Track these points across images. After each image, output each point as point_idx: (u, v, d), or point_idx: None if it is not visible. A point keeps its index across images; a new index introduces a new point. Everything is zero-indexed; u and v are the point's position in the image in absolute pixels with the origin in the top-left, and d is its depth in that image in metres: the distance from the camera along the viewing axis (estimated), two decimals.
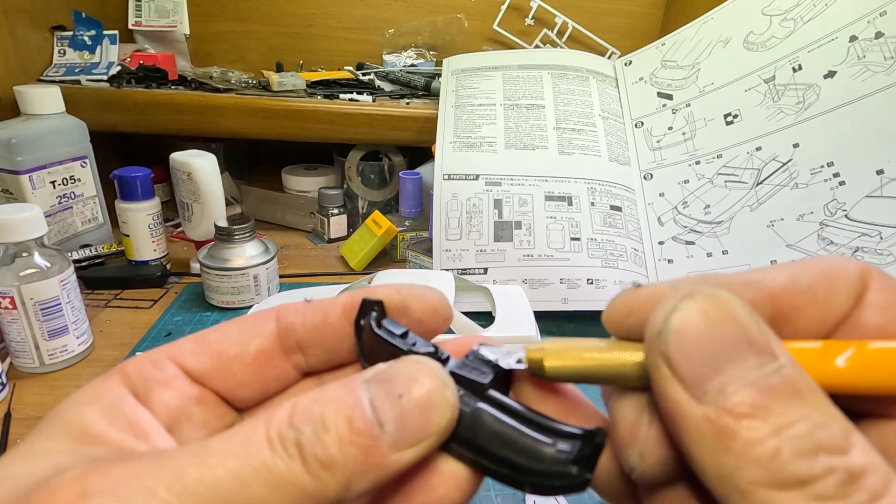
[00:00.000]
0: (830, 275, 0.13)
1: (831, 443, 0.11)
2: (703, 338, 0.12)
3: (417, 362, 0.13)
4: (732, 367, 0.11)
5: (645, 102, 0.72)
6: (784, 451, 0.10)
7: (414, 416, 0.12)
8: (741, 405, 0.11)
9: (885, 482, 0.10)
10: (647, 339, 0.12)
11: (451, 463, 0.13)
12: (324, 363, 0.16)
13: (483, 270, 0.60)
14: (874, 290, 0.13)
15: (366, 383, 0.12)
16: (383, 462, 0.11)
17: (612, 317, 0.15)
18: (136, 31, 0.88)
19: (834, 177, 0.53)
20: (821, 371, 0.12)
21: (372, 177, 0.82)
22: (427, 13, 0.97)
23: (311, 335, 0.15)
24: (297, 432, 0.11)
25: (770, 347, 0.12)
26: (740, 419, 0.11)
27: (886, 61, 0.53)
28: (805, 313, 0.13)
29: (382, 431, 0.11)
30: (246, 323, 0.16)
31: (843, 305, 0.13)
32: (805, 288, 0.13)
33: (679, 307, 0.12)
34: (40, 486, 0.11)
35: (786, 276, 0.13)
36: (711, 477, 0.11)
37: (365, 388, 0.12)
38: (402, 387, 0.12)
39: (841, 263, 0.13)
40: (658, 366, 0.12)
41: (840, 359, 0.12)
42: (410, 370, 0.12)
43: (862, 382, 0.12)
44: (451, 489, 0.13)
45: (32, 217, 0.44)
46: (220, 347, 0.15)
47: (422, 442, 0.12)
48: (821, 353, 0.13)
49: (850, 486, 0.10)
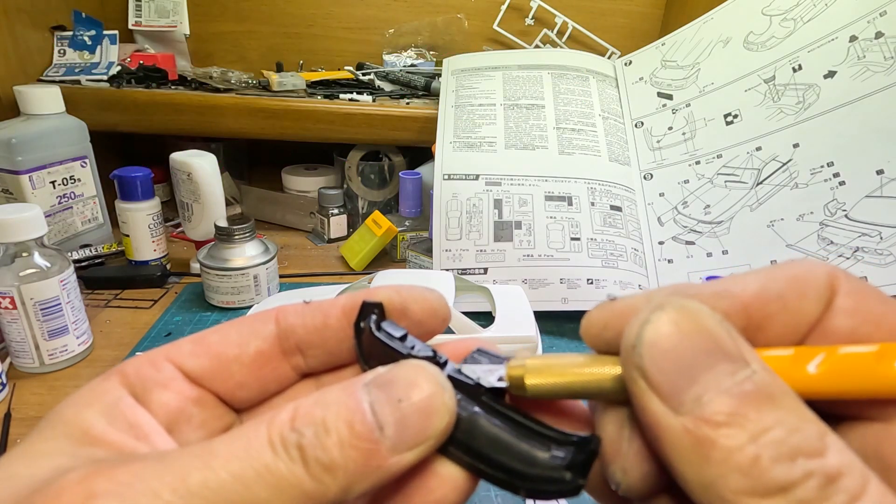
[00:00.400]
0: (799, 280, 0.13)
1: (807, 446, 0.11)
2: (675, 349, 0.12)
3: (417, 367, 0.13)
4: (706, 376, 0.11)
5: (645, 102, 0.72)
6: (763, 457, 0.10)
7: (413, 420, 0.12)
8: (717, 414, 0.11)
9: (862, 483, 0.10)
10: (623, 353, 0.13)
11: (449, 466, 0.13)
12: (323, 364, 0.16)
13: (483, 270, 0.60)
14: (843, 293, 0.13)
15: (366, 387, 0.12)
16: (383, 465, 0.11)
17: (589, 331, 0.15)
18: (136, 31, 0.88)
19: (834, 177, 0.53)
20: (793, 378, 0.12)
21: (372, 177, 0.82)
22: (427, 13, 0.97)
23: (311, 337, 0.15)
24: (298, 435, 0.11)
25: (741, 354, 0.12)
26: (717, 428, 0.11)
27: (886, 61, 0.53)
28: (777, 320, 0.13)
29: (382, 435, 0.12)
30: (245, 324, 0.16)
31: (813, 311, 0.13)
32: (775, 295, 0.13)
33: (650, 319, 0.12)
34: (44, 488, 0.11)
35: (756, 283, 0.13)
36: (694, 487, 0.11)
37: (365, 392, 0.12)
38: (401, 391, 0.12)
39: (810, 269, 0.13)
40: (634, 379, 0.12)
41: (811, 365, 0.12)
42: (410, 374, 0.13)
43: (834, 388, 0.12)
44: (449, 491, 0.13)
45: (32, 217, 0.44)
46: (219, 349, 0.15)
47: (421, 445, 0.12)
48: (792, 359, 0.13)
49: (829, 489, 0.10)
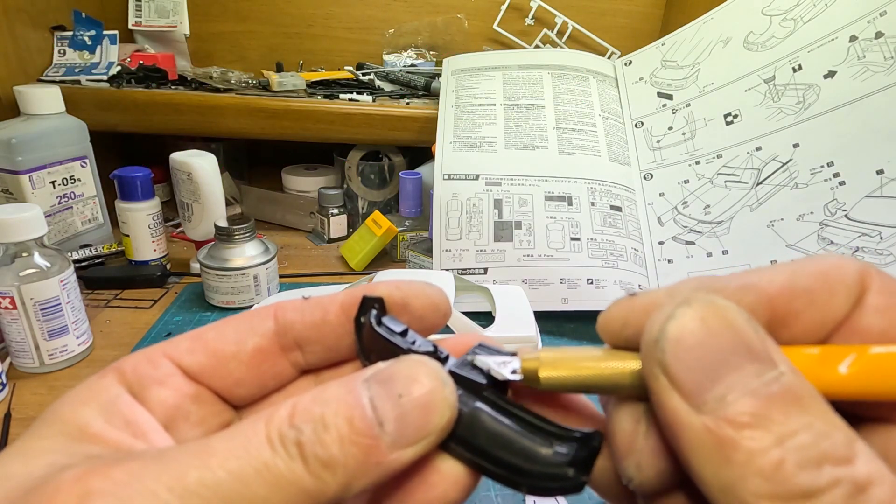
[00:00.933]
0: (829, 276, 0.13)
1: (835, 453, 0.10)
2: (700, 346, 0.11)
3: (417, 362, 0.13)
4: (731, 376, 0.11)
5: (645, 102, 0.72)
6: (788, 461, 0.10)
7: (414, 416, 0.12)
8: (742, 415, 0.11)
9: (892, 493, 0.10)
10: (644, 348, 0.12)
11: (450, 462, 0.13)
12: (322, 360, 0.16)
13: (483, 270, 0.60)
14: (874, 291, 0.13)
15: (366, 382, 0.12)
16: (383, 461, 0.11)
17: (607, 328, 0.14)
18: (136, 31, 0.88)
19: (834, 177, 0.53)
20: (823, 379, 0.12)
21: (372, 177, 0.82)
22: (427, 13, 0.97)
23: (310, 333, 0.15)
24: (297, 432, 0.11)
25: (769, 355, 0.11)
26: (741, 429, 0.11)
27: (886, 61, 0.53)
28: (803, 316, 0.13)
29: (382, 431, 0.11)
30: (243, 321, 0.15)
31: (841, 308, 0.13)
32: (803, 290, 0.13)
33: (675, 315, 0.12)
34: (40, 487, 0.11)
35: (783, 277, 0.13)
36: (713, 489, 0.11)
37: (365, 388, 0.12)
38: (401, 386, 0.12)
39: (839, 264, 0.13)
40: (655, 375, 0.12)
41: (842, 365, 0.12)
42: (410, 370, 0.12)
43: (865, 389, 0.12)
44: (450, 488, 0.13)
45: (32, 217, 0.44)
46: (216, 346, 0.15)
47: (421, 441, 0.12)
48: (821, 359, 0.12)
49: (857, 498, 0.10)
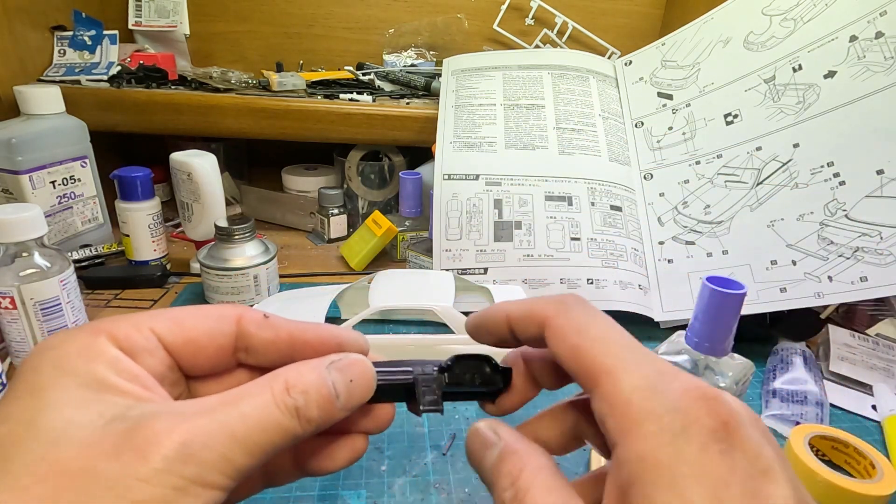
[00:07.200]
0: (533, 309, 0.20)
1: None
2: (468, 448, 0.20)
3: (359, 360, 0.19)
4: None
5: (645, 102, 0.72)
6: None
7: (353, 391, 0.19)
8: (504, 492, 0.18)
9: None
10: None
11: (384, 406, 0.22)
12: (259, 364, 0.21)
13: (483, 270, 0.60)
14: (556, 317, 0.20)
15: (328, 369, 0.19)
16: (336, 416, 0.19)
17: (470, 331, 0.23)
18: (136, 31, 0.88)
19: (834, 177, 0.53)
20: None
21: (372, 177, 0.82)
22: (427, 13, 0.97)
23: (258, 346, 0.20)
24: (294, 401, 0.17)
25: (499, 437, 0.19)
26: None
27: (886, 61, 0.53)
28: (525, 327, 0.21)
29: (338, 400, 0.18)
30: (213, 320, 0.20)
31: (539, 327, 0.20)
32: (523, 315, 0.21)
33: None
34: (132, 431, 0.15)
35: (520, 307, 0.21)
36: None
37: (327, 373, 0.19)
38: (350, 373, 0.19)
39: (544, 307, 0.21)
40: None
41: None
42: (356, 365, 0.19)
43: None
44: (386, 413, 0.22)
45: (32, 217, 0.44)
46: (192, 335, 0.19)
47: (354, 405, 0.19)
48: None
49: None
